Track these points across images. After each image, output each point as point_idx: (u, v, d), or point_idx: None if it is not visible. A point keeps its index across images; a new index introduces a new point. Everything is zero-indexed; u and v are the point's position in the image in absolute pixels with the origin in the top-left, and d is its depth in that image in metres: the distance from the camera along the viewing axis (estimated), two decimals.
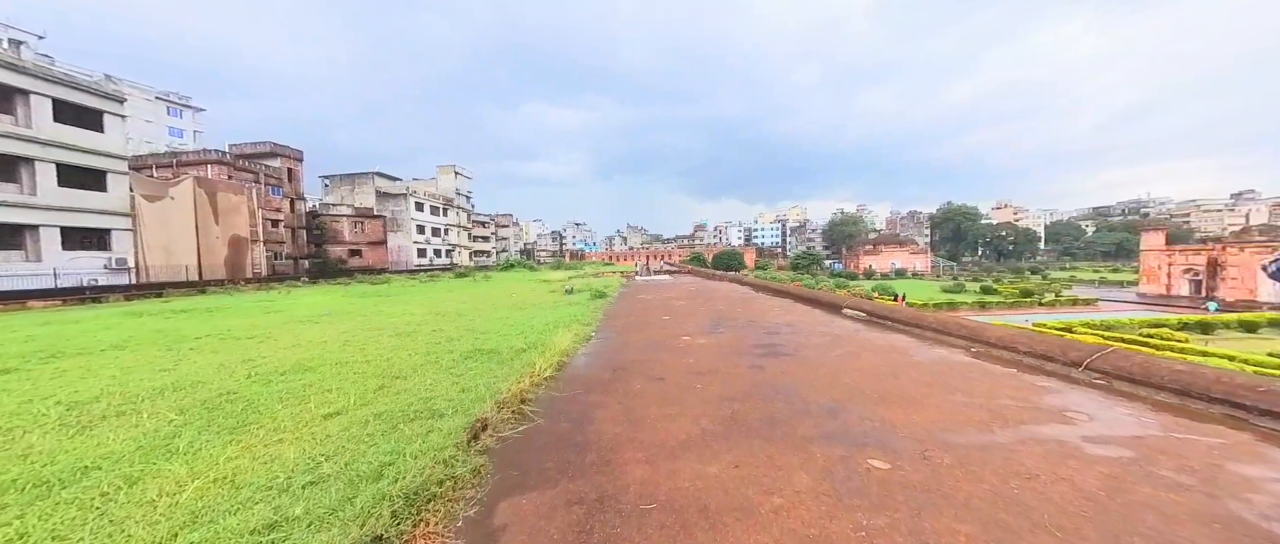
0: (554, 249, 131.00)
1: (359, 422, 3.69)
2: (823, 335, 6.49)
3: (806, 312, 9.18)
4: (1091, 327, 26.24)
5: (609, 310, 10.34)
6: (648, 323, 8.17)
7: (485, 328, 8.64)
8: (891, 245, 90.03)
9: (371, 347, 7.08)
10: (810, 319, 8.14)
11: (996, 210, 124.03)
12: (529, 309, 11.95)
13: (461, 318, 10.67)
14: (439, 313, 11.74)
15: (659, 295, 13.96)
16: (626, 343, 6.38)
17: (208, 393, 4.88)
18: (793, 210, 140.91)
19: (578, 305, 11.92)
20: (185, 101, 67.82)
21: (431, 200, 56.96)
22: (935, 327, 6.27)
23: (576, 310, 10.54)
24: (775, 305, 10.35)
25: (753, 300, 11.59)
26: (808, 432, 2.99)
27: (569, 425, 3.28)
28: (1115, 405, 3.41)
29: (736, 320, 8.19)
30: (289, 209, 39.85)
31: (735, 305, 10.55)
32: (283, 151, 39.57)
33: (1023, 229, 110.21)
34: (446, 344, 7.01)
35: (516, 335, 7.35)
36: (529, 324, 8.62)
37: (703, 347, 5.91)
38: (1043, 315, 35.11)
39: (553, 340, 6.05)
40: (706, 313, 9.33)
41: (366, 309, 13.50)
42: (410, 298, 17.46)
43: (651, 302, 12.14)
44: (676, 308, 10.38)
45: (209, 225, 26.20)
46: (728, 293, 13.99)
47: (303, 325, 10.07)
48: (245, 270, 28.21)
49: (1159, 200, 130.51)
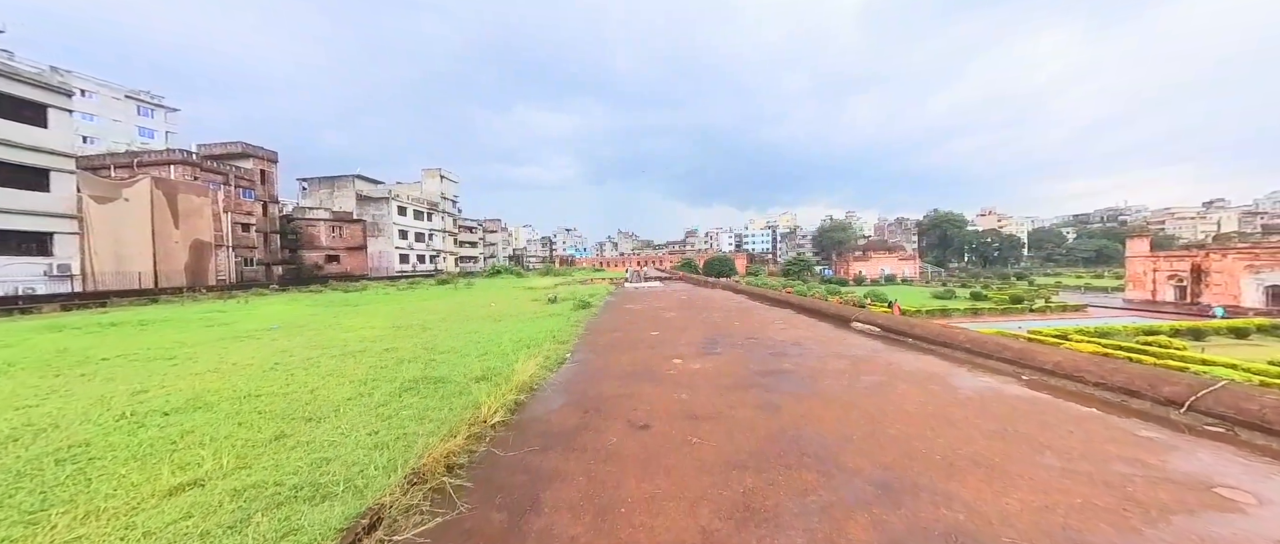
0: (544, 255, 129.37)
1: (208, 504, 2.57)
2: (839, 357, 5.50)
3: (811, 325, 8.22)
4: (1086, 334, 25.87)
5: (592, 324, 9.27)
6: (634, 340, 7.12)
7: (447, 345, 7.50)
8: (881, 252, 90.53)
9: (302, 373, 5.90)
10: (818, 335, 7.17)
11: (981, 217, 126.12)
12: (504, 322, 10.81)
13: (425, 332, 9.49)
14: (402, 326, 10.52)
15: (648, 305, 12.92)
16: (605, 368, 5.31)
17: (50, 445, 3.69)
18: (783, 217, 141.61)
19: (558, 317, 10.82)
20: (157, 101, 65.32)
21: (415, 205, 55.29)
22: (970, 346, 5.33)
23: (555, 324, 9.44)
24: (776, 317, 9.38)
25: (750, 311, 10.62)
26: (863, 535, 1.96)
27: (503, 517, 2.21)
28: (1275, 474, 2.45)
29: (735, 336, 7.18)
30: (261, 213, 37.98)
31: (732, 317, 9.55)
32: (255, 152, 37.79)
33: (1007, 236, 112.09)
34: (392, 369, 5.86)
35: (477, 357, 6.23)
36: (496, 341, 7.51)
37: (698, 374, 4.88)
38: (1035, 322, 34.91)
39: (517, 367, 4.97)
40: (701, 326, 8.31)
41: (324, 321, 12.20)
42: (379, 307, 16.14)
43: (640, 313, 11.09)
44: (667, 320, 9.34)
45: (168, 229, 24.47)
46: (722, 302, 13.02)
47: (239, 343, 8.79)
48: (208, 277, 26.44)
49: (1135, 208, 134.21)
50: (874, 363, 5.19)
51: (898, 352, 5.82)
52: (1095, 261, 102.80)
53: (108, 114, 60.15)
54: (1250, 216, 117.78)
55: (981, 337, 5.45)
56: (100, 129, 57.28)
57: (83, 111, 56.87)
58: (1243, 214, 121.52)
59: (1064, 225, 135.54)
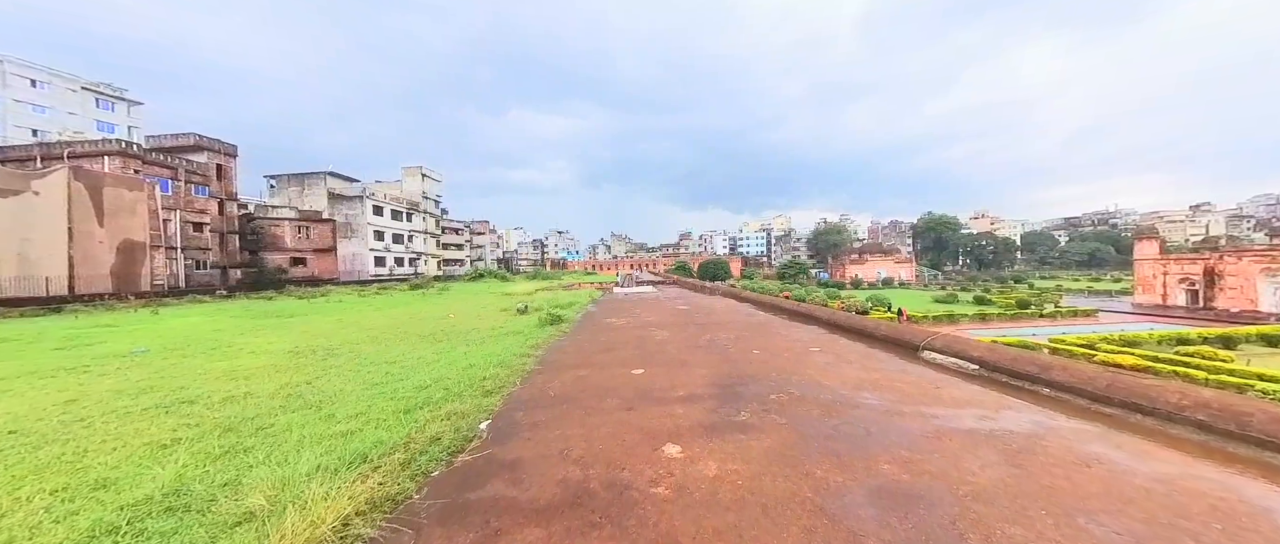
0: (536, 258, 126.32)
1: None
2: (994, 448, 3.00)
3: (865, 355, 5.76)
4: (1113, 343, 23.87)
5: (552, 351, 6.73)
6: (602, 387, 4.58)
7: (319, 394, 4.90)
8: (877, 255, 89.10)
9: (23, 458, 3.28)
10: (889, 377, 4.69)
11: (974, 220, 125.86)
12: (444, 343, 8.22)
13: (328, 360, 6.88)
14: (304, 352, 7.88)
15: (636, 318, 10.39)
16: (530, 467, 2.76)
17: None
18: (777, 220, 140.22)
19: (516, 337, 8.26)
20: (119, 94, 61.67)
21: (393, 204, 52.18)
22: (1175, 407, 2.90)
23: (503, 349, 6.88)
24: (806, 339, 6.91)
25: (767, 327, 8.14)
26: None
27: None
28: None
29: (762, 379, 4.68)
30: (217, 211, 34.79)
31: (746, 339, 7.06)
32: (210, 145, 34.63)
33: (1002, 238, 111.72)
34: (145, 463, 3.26)
35: (320, 442, 3.59)
36: (397, 388, 4.93)
37: (716, 493, 2.35)
38: (1050, 328, 33.02)
39: (331, 496, 2.40)
40: (706, 358, 5.81)
41: (220, 341, 9.49)
42: (314, 320, 13.41)
43: (622, 331, 8.55)
44: (658, 345, 6.82)
45: (89, 227, 21.38)
46: (727, 314, 10.54)
47: (44, 380, 6.09)
48: (140, 282, 23.33)
49: (1125, 211, 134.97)
50: (1049, 451, 2.72)
51: (1049, 414, 3.36)
52: (1089, 265, 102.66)
53: (62, 106, 56.40)
54: (1237, 220, 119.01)
55: (1158, 386, 3.01)
56: (53, 122, 53.47)
57: (34, 103, 53.07)
58: (1229, 217, 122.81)
59: (1055, 228, 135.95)
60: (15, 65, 52.66)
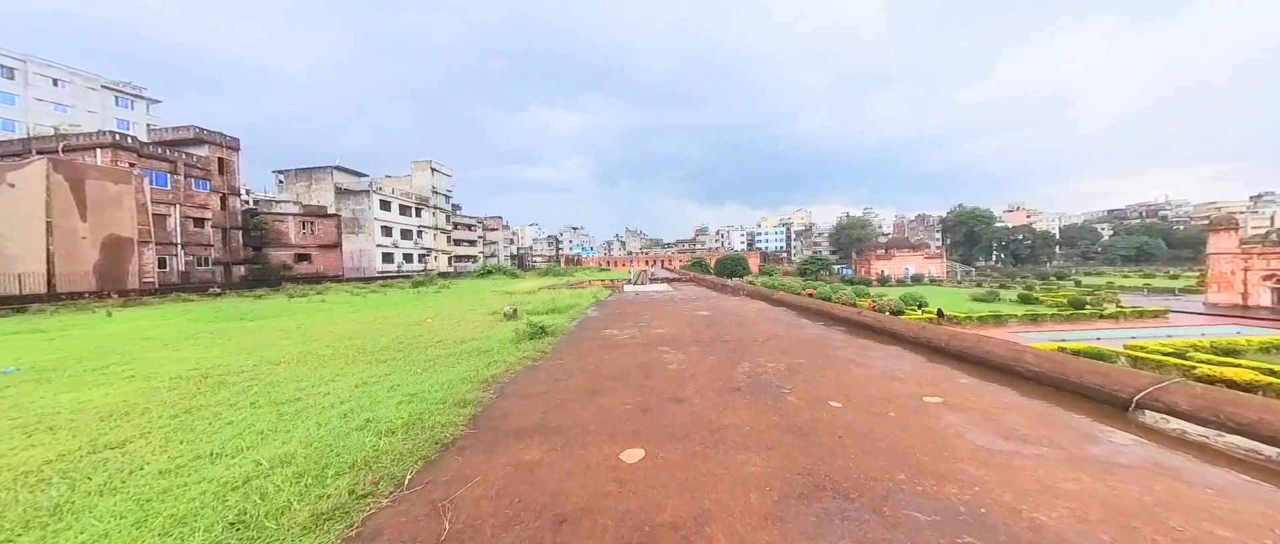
0: (550, 254, 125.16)
1: None
2: None
3: (1020, 408, 3.32)
4: (1202, 350, 20.33)
5: (511, 389, 4.49)
6: (557, 512, 2.29)
7: (138, 460, 2.78)
8: (904, 249, 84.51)
9: None
10: (1107, 472, 2.26)
11: (1009, 213, 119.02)
12: (387, 365, 6.11)
13: (211, 395, 4.84)
14: (211, 375, 5.87)
15: (644, 329, 8.08)
16: None
17: None
18: (797, 215, 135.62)
19: (480, 357, 6.09)
20: (138, 92, 62.30)
21: (401, 199, 51.01)
22: None
23: (448, 382, 4.68)
24: (899, 372, 4.48)
25: (826, 349, 5.73)
26: None
27: None
28: None
29: (883, 490, 2.31)
30: (219, 206, 33.91)
31: (804, 371, 4.68)
32: (211, 138, 33.70)
33: (1040, 232, 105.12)
34: None
35: None
36: (198, 485, 2.75)
37: None
38: (1113, 331, 29.42)
39: None
40: (754, 418, 3.48)
41: (130, 356, 7.63)
42: (273, 324, 11.57)
43: (622, 352, 6.27)
44: (671, 385, 4.51)
45: (71, 222, 20.25)
46: (761, 322, 8.14)
47: None
48: (127, 279, 22.19)
49: (1176, 203, 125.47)
50: None
51: None
52: (1136, 260, 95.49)
53: (82, 104, 57.19)
54: None
55: None
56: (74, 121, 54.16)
57: (56, 102, 53.88)
58: None
59: (1097, 221, 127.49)
60: (37, 65, 53.41)
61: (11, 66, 52.70)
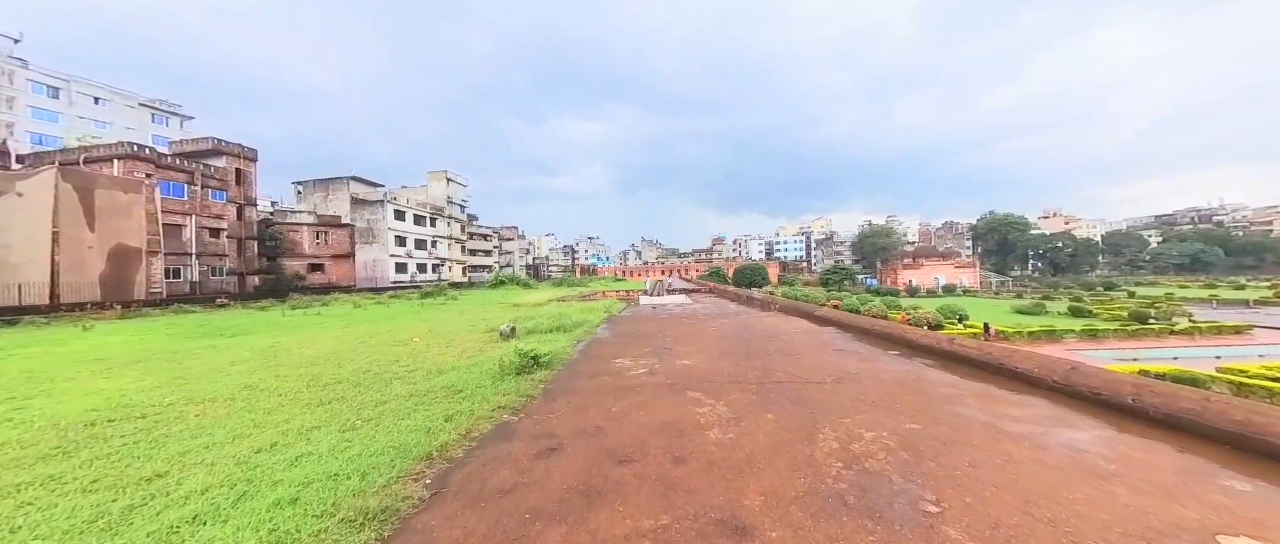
0: (566, 264, 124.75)
1: None
2: None
3: None
4: None
5: (471, 469, 2.86)
6: None
7: None
8: (933, 258, 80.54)
9: None
10: None
11: (1044, 219, 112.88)
12: (326, 409, 4.62)
13: (106, 444, 3.38)
14: (126, 414, 4.48)
15: (664, 359, 6.40)
16: None
17: None
18: (817, 222, 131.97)
19: (450, 401, 4.54)
20: (173, 109, 64.60)
21: (415, 209, 50.85)
22: None
23: (385, 447, 3.10)
24: (1103, 465, 2.68)
25: (930, 397, 3.94)
26: None
27: None
28: None
29: None
30: (235, 216, 33.91)
31: (919, 439, 2.93)
32: (229, 149, 33.87)
33: (1082, 239, 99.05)
34: None
35: None
36: None
37: None
38: (1192, 349, 26.21)
39: None
40: None
41: (54, 386, 6.38)
42: (249, 342, 10.34)
43: (637, 400, 4.61)
44: (711, 465, 2.82)
45: (78, 232, 19.92)
46: (813, 350, 6.35)
47: None
48: (134, 290, 21.76)
49: (1233, 207, 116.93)
50: None
51: None
52: (1189, 269, 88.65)
53: (121, 121, 59.34)
54: None
55: None
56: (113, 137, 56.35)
57: (96, 119, 56.16)
58: None
59: (1143, 228, 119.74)
60: (81, 84, 55.84)
61: (57, 86, 55.01)
